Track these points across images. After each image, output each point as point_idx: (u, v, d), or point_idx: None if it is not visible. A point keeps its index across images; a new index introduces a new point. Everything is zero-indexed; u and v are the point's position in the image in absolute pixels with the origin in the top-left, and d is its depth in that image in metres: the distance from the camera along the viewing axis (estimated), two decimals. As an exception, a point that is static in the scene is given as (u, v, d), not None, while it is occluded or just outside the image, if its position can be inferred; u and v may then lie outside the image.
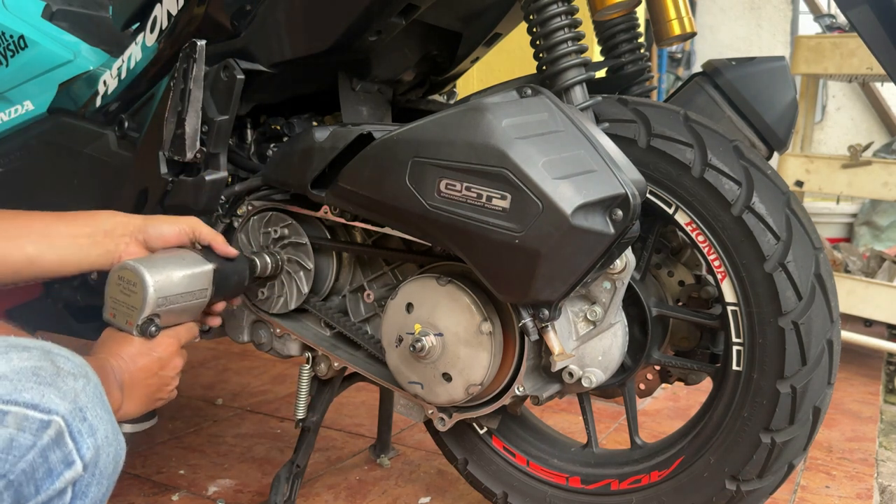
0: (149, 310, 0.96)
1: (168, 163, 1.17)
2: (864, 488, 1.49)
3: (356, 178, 1.03)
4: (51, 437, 0.66)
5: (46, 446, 0.65)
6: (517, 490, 1.20)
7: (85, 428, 0.68)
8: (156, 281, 0.96)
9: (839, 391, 2.08)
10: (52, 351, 0.70)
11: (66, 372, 0.69)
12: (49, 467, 0.66)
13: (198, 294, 1.02)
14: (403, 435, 1.69)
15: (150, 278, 0.95)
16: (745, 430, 1.02)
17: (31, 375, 0.66)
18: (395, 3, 1.04)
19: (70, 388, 0.68)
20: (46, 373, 0.68)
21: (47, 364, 0.68)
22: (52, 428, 0.66)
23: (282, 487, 1.22)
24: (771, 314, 0.98)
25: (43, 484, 0.65)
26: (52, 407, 0.66)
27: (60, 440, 0.66)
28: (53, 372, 0.68)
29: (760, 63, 1.19)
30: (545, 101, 0.96)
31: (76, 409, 0.68)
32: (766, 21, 5.08)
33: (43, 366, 0.68)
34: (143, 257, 1.00)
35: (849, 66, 2.34)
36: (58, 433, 0.66)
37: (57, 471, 0.66)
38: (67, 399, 0.67)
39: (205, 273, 1.03)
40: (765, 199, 0.99)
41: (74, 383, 0.69)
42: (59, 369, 0.69)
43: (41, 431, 0.65)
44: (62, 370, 0.69)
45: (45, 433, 0.65)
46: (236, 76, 1.10)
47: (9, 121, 1.42)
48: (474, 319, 1.02)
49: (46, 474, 0.65)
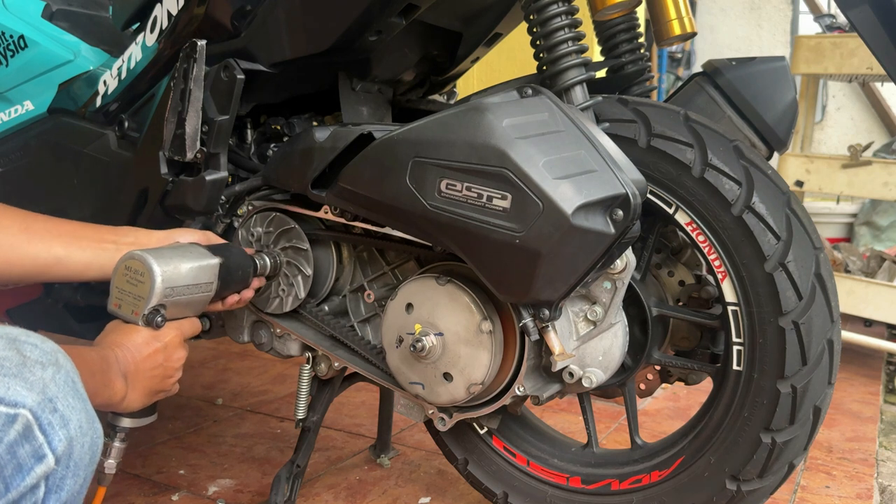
0: (156, 300, 0.96)
1: (168, 163, 1.17)
2: (864, 488, 1.49)
3: (356, 178, 1.03)
4: (18, 431, 0.63)
5: (14, 441, 0.63)
6: (517, 490, 1.20)
7: (56, 419, 0.66)
8: (164, 271, 0.96)
9: (839, 391, 2.09)
10: (18, 339, 0.68)
11: (34, 361, 0.66)
12: (18, 463, 0.63)
13: (204, 287, 1.02)
14: (403, 435, 1.69)
15: (159, 268, 0.96)
16: (746, 429, 1.02)
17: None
18: (395, 3, 1.04)
19: (38, 379, 0.65)
20: (11, 363, 0.65)
21: (12, 353, 0.66)
22: (18, 422, 0.63)
23: (282, 487, 1.22)
24: (771, 314, 0.98)
25: (13, 481, 0.63)
26: (19, 399, 0.64)
27: (29, 434, 0.64)
28: (19, 362, 0.65)
29: (760, 63, 1.19)
30: (545, 101, 0.96)
31: (45, 400, 0.65)
32: (766, 21, 5.08)
33: (7, 356, 0.65)
34: (150, 248, 1.00)
35: (849, 66, 2.34)
36: (25, 427, 0.64)
37: (27, 466, 0.64)
38: (35, 390, 0.65)
39: (211, 266, 1.03)
40: (765, 198, 0.99)
41: (43, 372, 0.66)
42: (25, 358, 0.66)
43: (7, 426, 0.63)
44: (29, 359, 0.66)
45: (11, 428, 0.63)
46: (236, 76, 1.10)
47: (9, 121, 1.42)
48: (474, 319, 1.02)
49: (16, 470, 0.63)
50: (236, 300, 1.11)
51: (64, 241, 1.00)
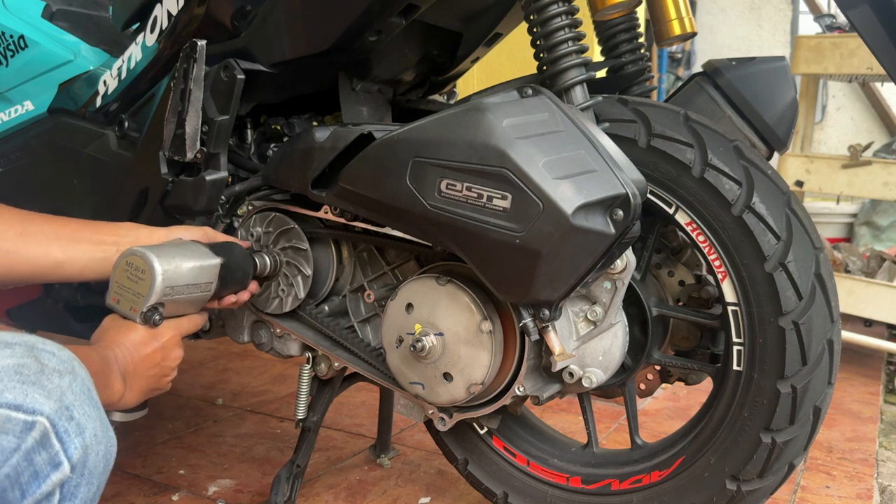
0: (155, 298, 0.96)
1: (168, 163, 1.17)
2: (864, 488, 1.49)
3: (357, 178, 1.03)
4: (35, 438, 0.63)
5: (31, 448, 0.63)
6: (517, 490, 1.20)
7: (72, 427, 0.66)
8: (164, 269, 0.96)
9: (839, 391, 2.09)
10: (36, 346, 0.68)
11: (52, 369, 0.67)
12: (35, 470, 0.64)
13: (203, 287, 1.02)
14: (403, 435, 1.69)
15: (160, 266, 0.95)
16: (746, 430, 1.02)
17: (14, 374, 0.64)
18: (395, 3, 1.04)
19: (56, 386, 0.66)
20: (30, 370, 0.65)
21: (31, 361, 0.66)
22: (36, 429, 0.64)
23: (282, 487, 1.22)
24: (771, 314, 0.98)
25: (29, 488, 0.63)
26: (37, 407, 0.64)
27: (46, 441, 0.64)
28: (38, 369, 0.66)
29: (760, 63, 1.19)
30: (546, 101, 0.96)
31: (62, 408, 0.66)
32: (766, 21, 5.08)
33: (26, 363, 0.66)
34: (152, 245, 1.00)
35: (849, 66, 2.34)
36: (43, 434, 0.64)
37: (43, 473, 0.64)
38: (53, 398, 0.65)
39: (212, 266, 1.03)
40: (765, 198, 0.99)
41: (60, 380, 0.67)
42: (43, 366, 0.66)
43: (25, 433, 0.63)
44: (47, 367, 0.67)
45: (29, 435, 0.63)
46: (237, 76, 1.10)
47: (9, 121, 1.42)
48: (474, 318, 1.02)
49: (32, 477, 0.63)
50: (233, 300, 1.11)
51: (62, 245, 1.00)
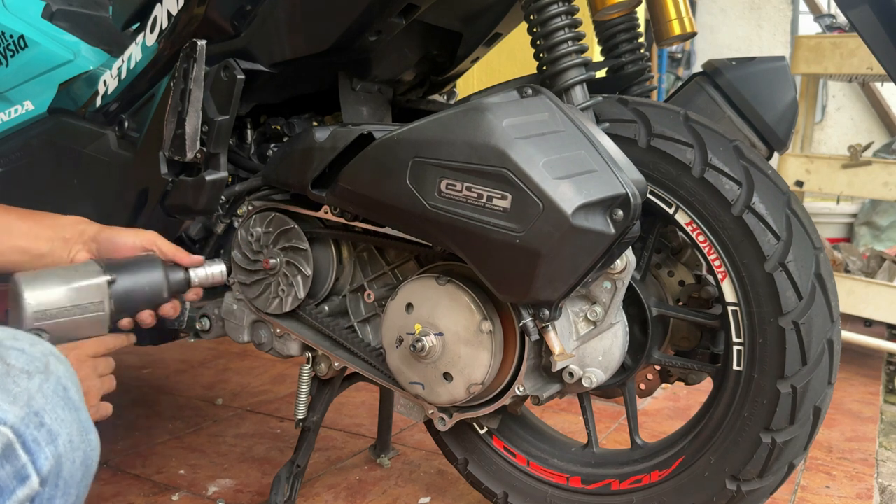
0: (28, 323, 0.93)
1: (168, 163, 1.17)
2: (864, 488, 1.49)
3: (357, 178, 1.03)
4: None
5: None
6: (517, 490, 1.20)
7: (42, 435, 0.59)
8: (32, 295, 0.93)
9: (839, 391, 2.08)
10: (2, 343, 0.61)
11: (18, 370, 0.60)
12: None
13: (90, 308, 0.97)
14: (403, 435, 1.69)
15: (27, 293, 0.93)
16: (746, 429, 1.02)
17: None
18: (395, 3, 1.04)
19: (23, 390, 0.59)
20: None
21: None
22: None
23: (282, 487, 1.22)
24: (771, 314, 0.98)
25: None
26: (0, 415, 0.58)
27: (10, 453, 0.58)
28: (2, 371, 0.59)
29: (760, 63, 1.19)
30: (546, 101, 0.96)
31: (30, 415, 0.59)
32: (766, 21, 5.08)
33: None
34: (33, 271, 0.97)
35: (849, 66, 2.34)
36: (6, 446, 0.57)
37: (8, 489, 0.57)
38: (18, 403, 0.58)
39: (95, 286, 0.97)
40: (765, 198, 0.99)
41: (28, 383, 0.60)
42: (9, 367, 0.60)
43: None
44: (13, 368, 0.60)
45: None
46: (236, 76, 1.10)
47: (9, 121, 1.42)
48: (474, 318, 1.02)
49: None
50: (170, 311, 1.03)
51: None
